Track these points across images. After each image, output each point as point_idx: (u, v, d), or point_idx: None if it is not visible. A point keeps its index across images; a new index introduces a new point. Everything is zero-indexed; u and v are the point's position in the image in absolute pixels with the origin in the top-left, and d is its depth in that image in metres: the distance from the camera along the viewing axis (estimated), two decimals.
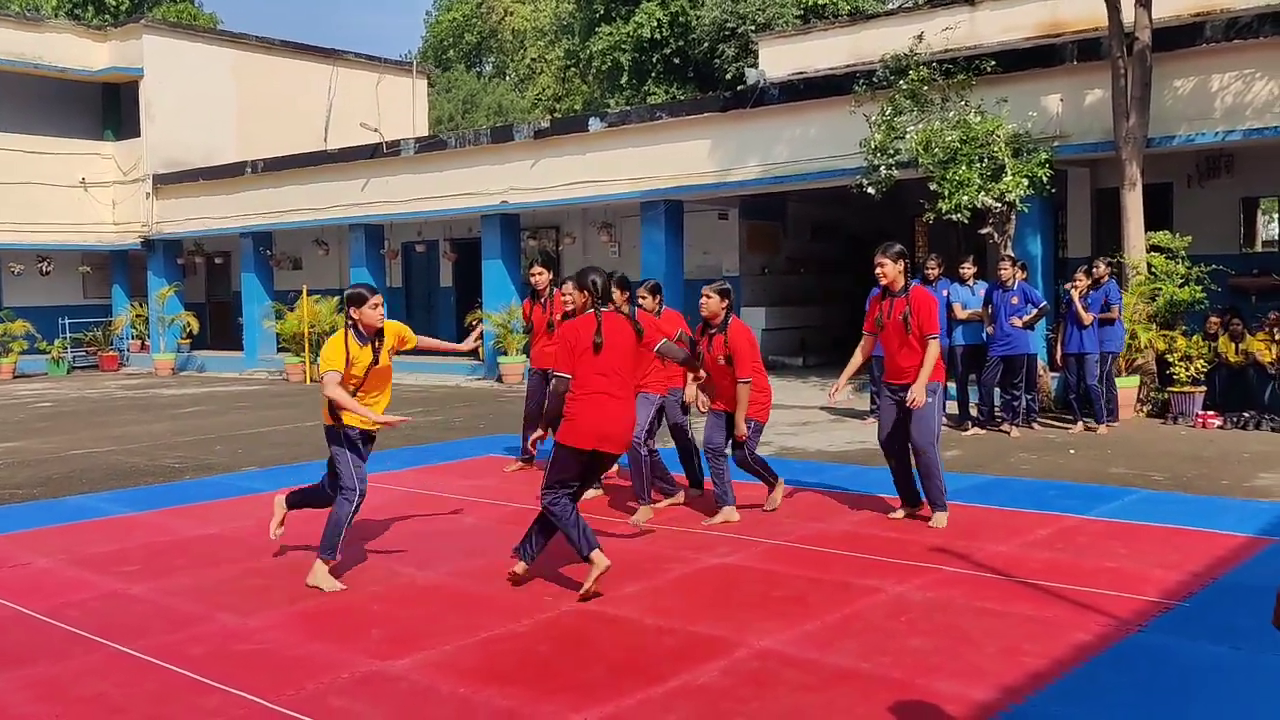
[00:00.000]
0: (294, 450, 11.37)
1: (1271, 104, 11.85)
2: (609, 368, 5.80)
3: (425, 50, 51.18)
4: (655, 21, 27.22)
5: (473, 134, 19.88)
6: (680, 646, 4.86)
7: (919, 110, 13.13)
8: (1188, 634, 4.86)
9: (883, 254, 7.10)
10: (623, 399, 5.86)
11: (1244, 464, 9.15)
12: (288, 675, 4.64)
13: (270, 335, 22.56)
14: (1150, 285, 12.05)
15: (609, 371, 5.80)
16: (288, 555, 6.74)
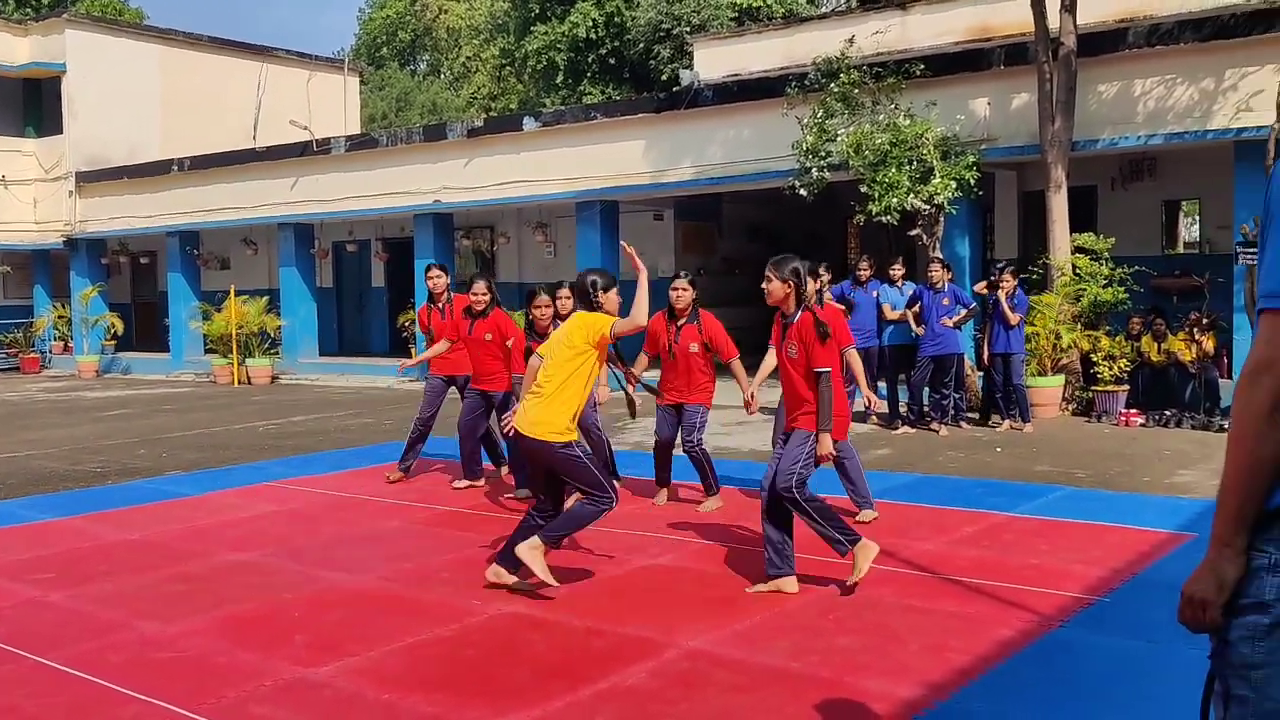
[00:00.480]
0: (220, 453, 11.17)
1: (1192, 109, 12.14)
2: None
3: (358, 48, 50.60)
4: (590, 21, 27.18)
5: (405, 132, 19.69)
6: (609, 648, 4.84)
7: (850, 113, 13.25)
8: (1106, 629, 4.95)
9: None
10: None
11: (1165, 461, 9.36)
12: (208, 684, 4.54)
13: (197, 336, 22.15)
14: (1075, 286, 12.27)
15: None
16: (210, 561, 6.60)
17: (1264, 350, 1.96)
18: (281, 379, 20.34)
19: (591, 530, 7.16)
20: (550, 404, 5.63)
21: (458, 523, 7.57)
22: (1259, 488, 1.98)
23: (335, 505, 8.32)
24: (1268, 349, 1.96)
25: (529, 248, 20.57)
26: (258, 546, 6.96)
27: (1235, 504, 2.00)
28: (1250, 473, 1.97)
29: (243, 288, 21.69)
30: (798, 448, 5.54)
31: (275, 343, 21.08)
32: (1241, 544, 2.00)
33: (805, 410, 5.60)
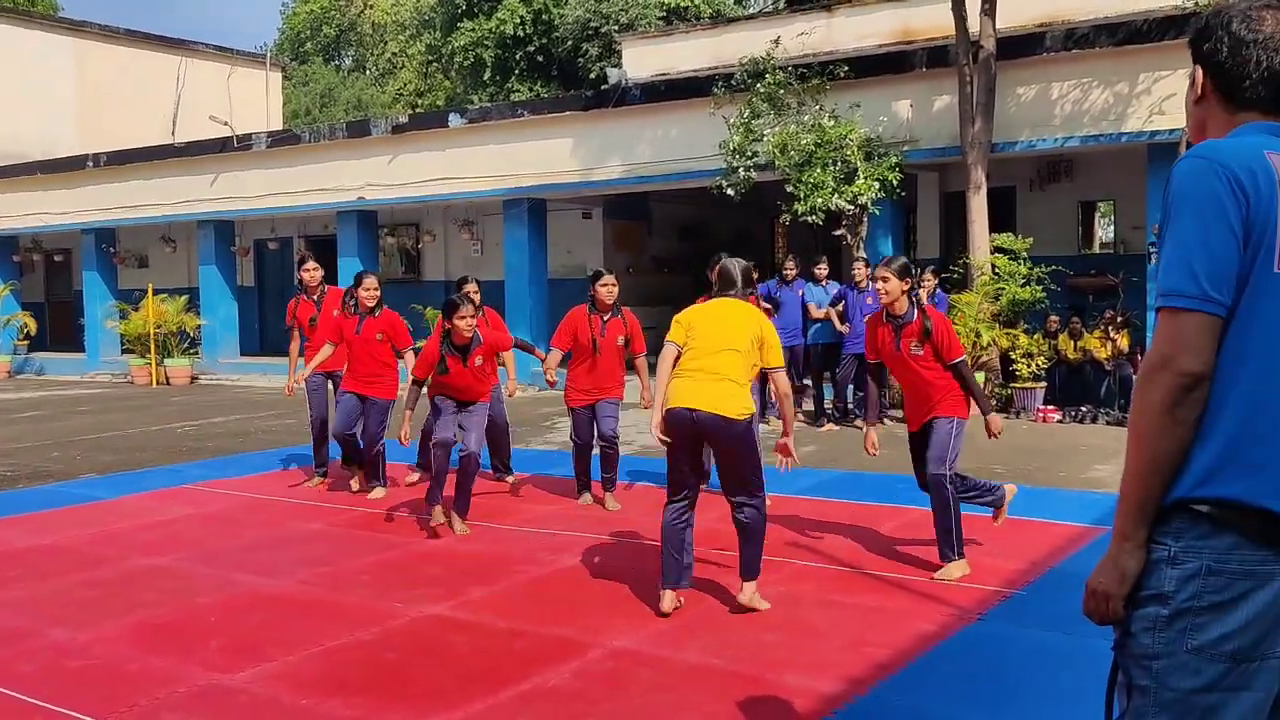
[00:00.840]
0: (136, 456, 10.91)
1: (1107, 112, 12.43)
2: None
3: (282, 42, 49.77)
4: (518, 19, 27.04)
5: (328, 129, 19.40)
6: (532, 649, 4.82)
7: (775, 114, 13.36)
8: (1023, 621, 5.05)
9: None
10: None
11: (1081, 456, 9.57)
12: (120, 691, 4.42)
13: (114, 336, 21.60)
14: (994, 285, 12.50)
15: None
16: (124, 566, 6.44)
17: (1161, 348, 2.01)
18: (201, 379, 19.94)
19: (515, 531, 7.15)
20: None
21: (378, 525, 7.48)
22: (1158, 483, 2.02)
23: (255, 508, 8.17)
24: (1165, 347, 2.00)
25: (455, 246, 20.41)
26: (173, 550, 6.80)
27: (1135, 499, 2.04)
28: (1149, 469, 2.02)
29: (161, 286, 21.21)
30: (945, 434, 5.82)
31: (195, 342, 20.66)
32: (1142, 538, 2.04)
33: (939, 400, 5.87)
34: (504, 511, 7.71)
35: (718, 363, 5.21)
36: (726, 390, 5.16)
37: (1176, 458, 2.01)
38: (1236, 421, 1.99)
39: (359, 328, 8.12)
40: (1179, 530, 2.02)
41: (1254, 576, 1.97)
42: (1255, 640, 1.97)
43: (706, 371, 5.20)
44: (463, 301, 7.08)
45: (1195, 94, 2.21)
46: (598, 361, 7.65)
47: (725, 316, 5.38)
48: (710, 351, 5.24)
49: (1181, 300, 1.98)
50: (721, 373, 5.19)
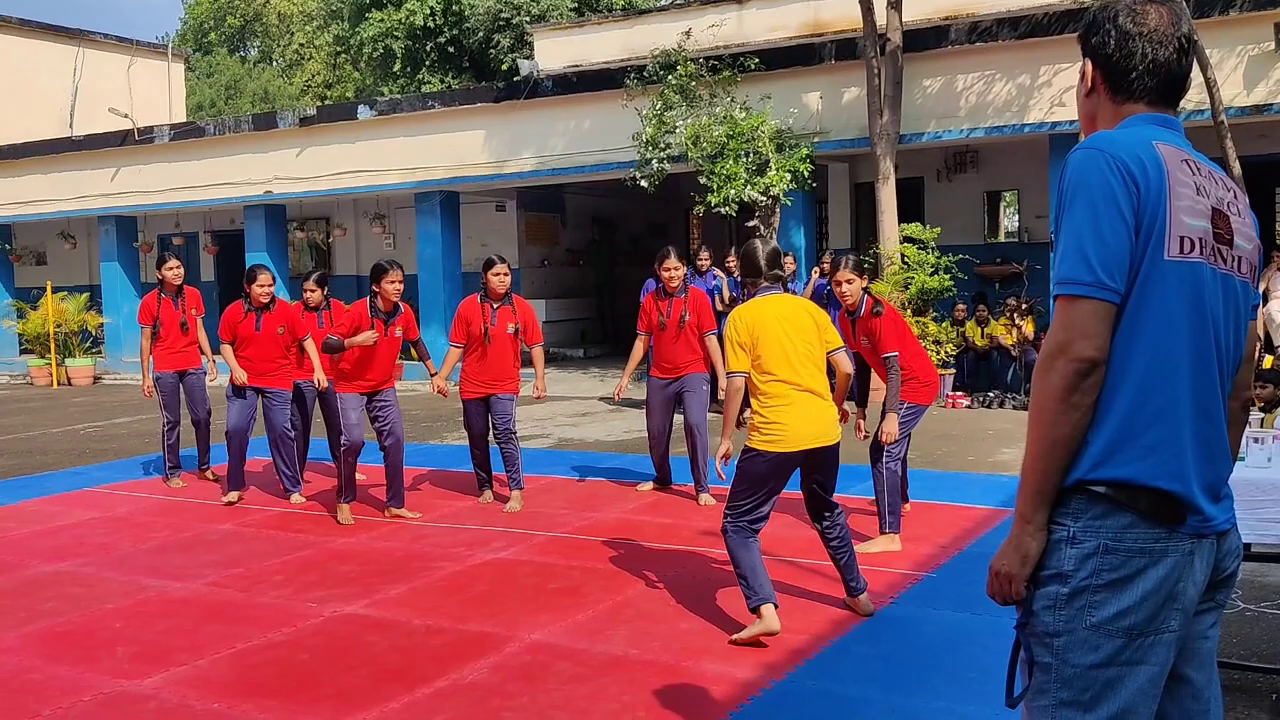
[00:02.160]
0: (37, 459, 10.57)
1: (1010, 103, 12.72)
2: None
3: (184, 32, 48.54)
4: (428, 9, 26.67)
5: (234, 121, 18.96)
6: (449, 645, 4.78)
7: (688, 105, 13.41)
8: (934, 603, 5.15)
9: (672, 257, 7.52)
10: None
11: (988, 440, 9.80)
12: (21, 702, 4.29)
13: (12, 336, 20.89)
14: (904, 274, 12.72)
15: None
16: (25, 573, 6.24)
17: (1058, 335, 2.06)
18: (105, 379, 19.38)
19: (431, 526, 7.09)
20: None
21: (290, 524, 7.35)
22: (1057, 466, 2.07)
23: (162, 510, 7.97)
24: (1062, 334, 2.05)
25: (366, 239, 20.12)
26: (77, 556, 6.61)
27: (1035, 482, 2.09)
28: (1048, 452, 2.07)
29: (61, 284, 20.57)
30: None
31: (97, 341, 20.06)
32: (1042, 519, 2.10)
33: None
34: (420, 507, 7.63)
35: (811, 379, 4.77)
36: (829, 412, 4.81)
37: (1074, 441, 2.06)
38: (1130, 405, 2.05)
39: (258, 324, 8.01)
40: (1077, 511, 2.08)
41: (1148, 554, 2.03)
42: (1150, 615, 2.03)
43: (809, 392, 4.75)
44: (392, 266, 7.20)
45: (1085, 86, 2.28)
46: (488, 351, 7.46)
47: (786, 317, 4.81)
48: (797, 365, 4.75)
49: (1076, 288, 2.04)
50: (818, 389, 4.79)
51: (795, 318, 4.83)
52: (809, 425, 4.73)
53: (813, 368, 4.80)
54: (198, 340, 8.90)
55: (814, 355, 4.83)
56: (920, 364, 6.30)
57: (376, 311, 7.18)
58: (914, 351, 6.29)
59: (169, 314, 8.75)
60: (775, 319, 4.79)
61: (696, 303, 7.54)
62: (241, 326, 8.04)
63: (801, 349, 4.78)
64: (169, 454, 8.85)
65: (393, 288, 7.14)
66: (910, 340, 6.35)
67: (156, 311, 8.77)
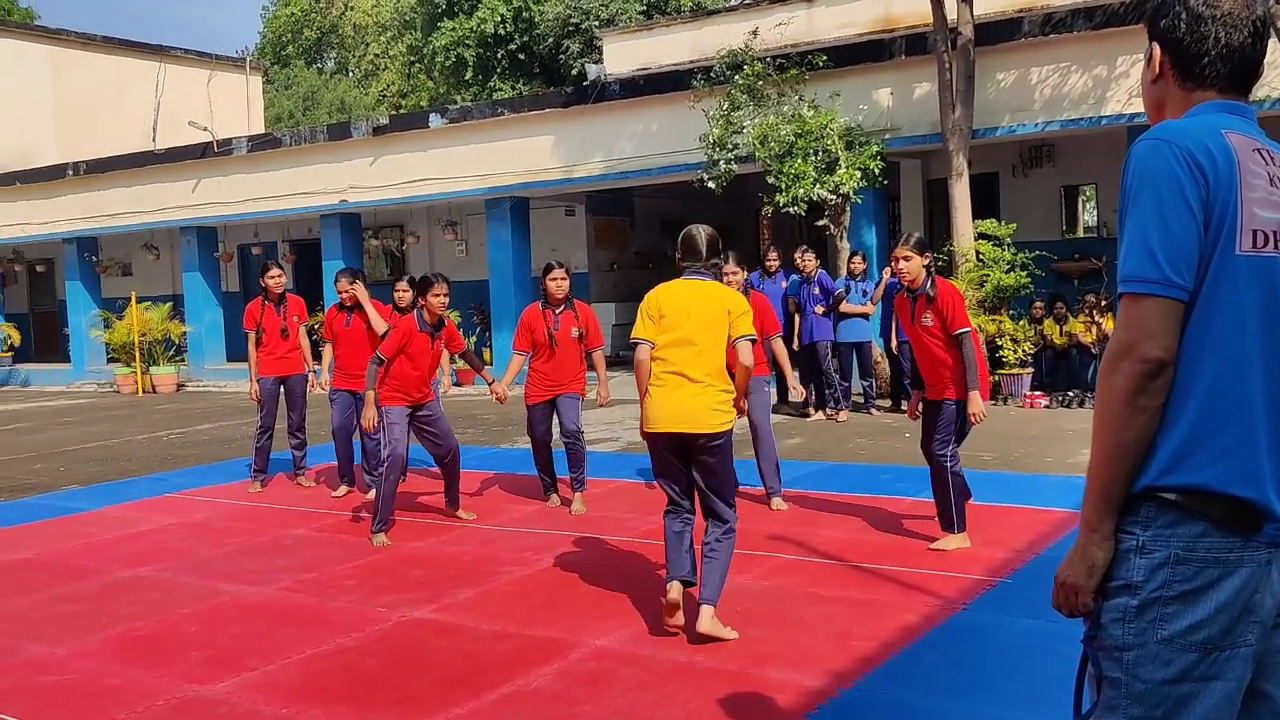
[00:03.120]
0: (121, 466, 10.84)
1: (1086, 95, 12.42)
2: None
3: (263, 46, 49.61)
4: (498, 17, 26.93)
5: (309, 131, 19.30)
6: (515, 651, 4.78)
7: (755, 105, 13.31)
8: (1008, 610, 5.02)
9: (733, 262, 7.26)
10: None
11: (1067, 441, 9.56)
12: (98, 706, 4.38)
13: (99, 345, 21.49)
14: (979, 272, 12.48)
15: None
16: (105, 578, 6.39)
17: (1123, 335, 1.97)
18: (187, 386, 19.85)
19: (499, 531, 7.11)
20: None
21: (364, 528, 7.41)
22: (1124, 472, 1.99)
23: (239, 515, 8.11)
24: (1127, 334, 1.96)
25: (439, 246, 20.34)
26: (155, 561, 6.75)
27: (1101, 489, 2.01)
28: (1114, 457, 1.99)
29: (145, 294, 21.11)
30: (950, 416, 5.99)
31: (180, 349, 20.56)
32: (1109, 528, 2.01)
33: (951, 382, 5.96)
34: (487, 511, 7.67)
35: (690, 364, 4.75)
36: (705, 399, 4.73)
37: (1141, 446, 1.98)
38: (1201, 407, 1.96)
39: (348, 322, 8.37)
40: (1146, 519, 1.99)
41: (1222, 564, 1.94)
42: (1225, 629, 1.94)
43: (682, 375, 4.75)
44: (436, 279, 7.20)
45: (1152, 73, 2.18)
46: (555, 355, 7.49)
47: (696, 301, 4.81)
48: (681, 346, 4.76)
49: (1142, 285, 1.95)
50: (697, 374, 4.74)
51: (705, 304, 4.82)
52: (669, 408, 4.76)
53: (699, 355, 4.76)
54: (299, 346, 9.08)
55: (709, 343, 4.78)
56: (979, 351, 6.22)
57: (424, 325, 7.18)
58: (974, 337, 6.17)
59: (271, 320, 8.99)
60: (684, 301, 4.85)
61: (759, 307, 7.44)
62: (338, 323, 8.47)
63: (696, 335, 4.77)
64: (257, 456, 9.05)
65: (437, 301, 7.13)
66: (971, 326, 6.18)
67: (260, 318, 9.04)
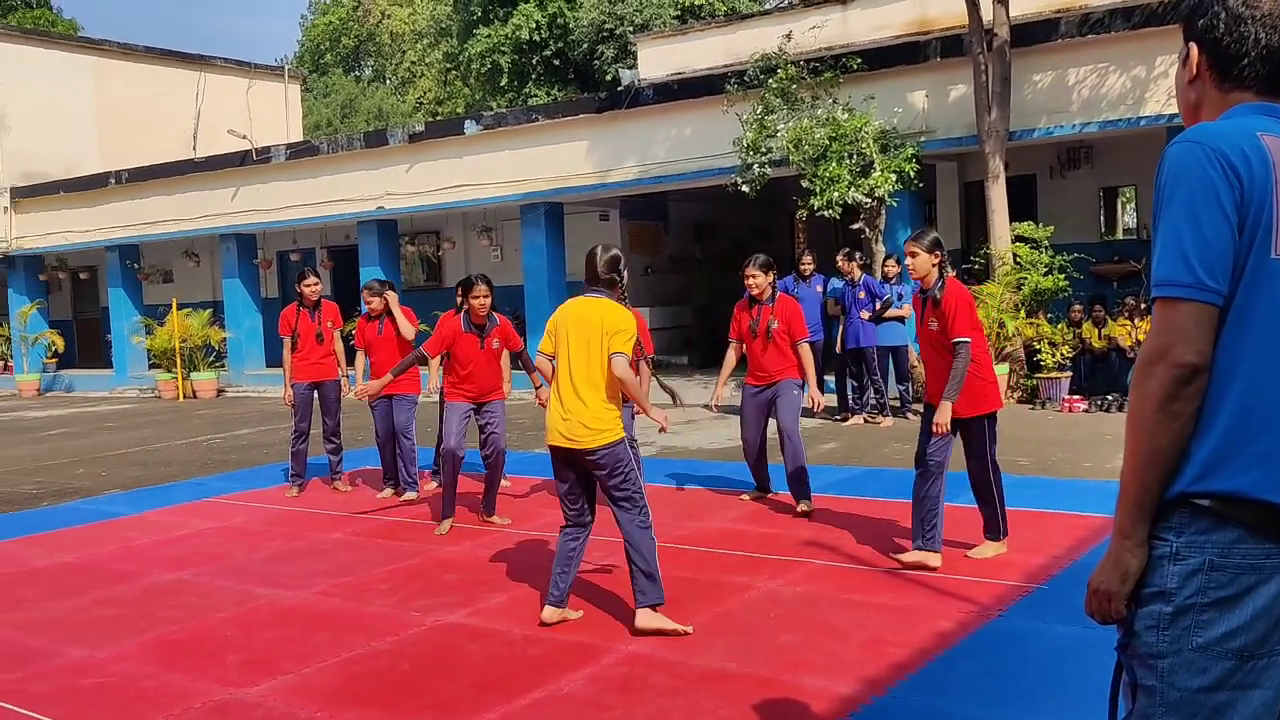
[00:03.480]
0: (161, 471, 10.97)
1: (1125, 96, 12.28)
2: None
3: (302, 54, 50.15)
4: (533, 23, 27.04)
5: (346, 139, 19.46)
6: (547, 656, 4.79)
7: (789, 109, 13.28)
8: (1044, 616, 4.97)
9: (752, 265, 7.42)
10: None
11: (1106, 445, 9.45)
12: (136, 709, 4.43)
13: (141, 351, 21.78)
14: (1016, 275, 12.37)
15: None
16: (144, 582, 6.46)
17: (1157, 339, 1.95)
18: (227, 392, 20.07)
19: (534, 535, 7.13)
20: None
21: (398, 533, 7.47)
22: (1157, 478, 1.96)
23: (276, 520, 8.19)
24: (1160, 338, 1.94)
25: (475, 252, 20.42)
26: (193, 565, 6.82)
27: (1134, 495, 1.99)
28: (1147, 463, 1.96)
29: (185, 300, 21.37)
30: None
31: (220, 355, 20.78)
32: (1142, 535, 1.99)
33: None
34: (522, 517, 7.69)
35: (570, 377, 5.02)
36: (582, 415, 4.95)
37: (1175, 452, 1.95)
38: (1236, 413, 1.93)
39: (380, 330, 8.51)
40: (1180, 525, 1.97)
41: (1258, 571, 1.91)
42: (1262, 636, 1.91)
43: (565, 390, 5.03)
44: (478, 280, 7.39)
45: (1189, 73, 2.14)
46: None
47: (582, 318, 5.05)
48: (564, 362, 5.06)
49: (1176, 289, 1.93)
50: (578, 390, 4.99)
51: (586, 322, 5.05)
52: (556, 422, 5.04)
53: (577, 371, 5.01)
54: (334, 352, 9.19)
55: (586, 360, 5.01)
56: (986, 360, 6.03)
57: (470, 326, 7.41)
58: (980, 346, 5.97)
59: (306, 326, 9.10)
60: (573, 318, 5.10)
61: (786, 310, 7.46)
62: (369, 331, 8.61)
63: (576, 352, 5.02)
64: (294, 461, 9.16)
65: (477, 302, 7.35)
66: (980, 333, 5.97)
67: (294, 323, 9.15)
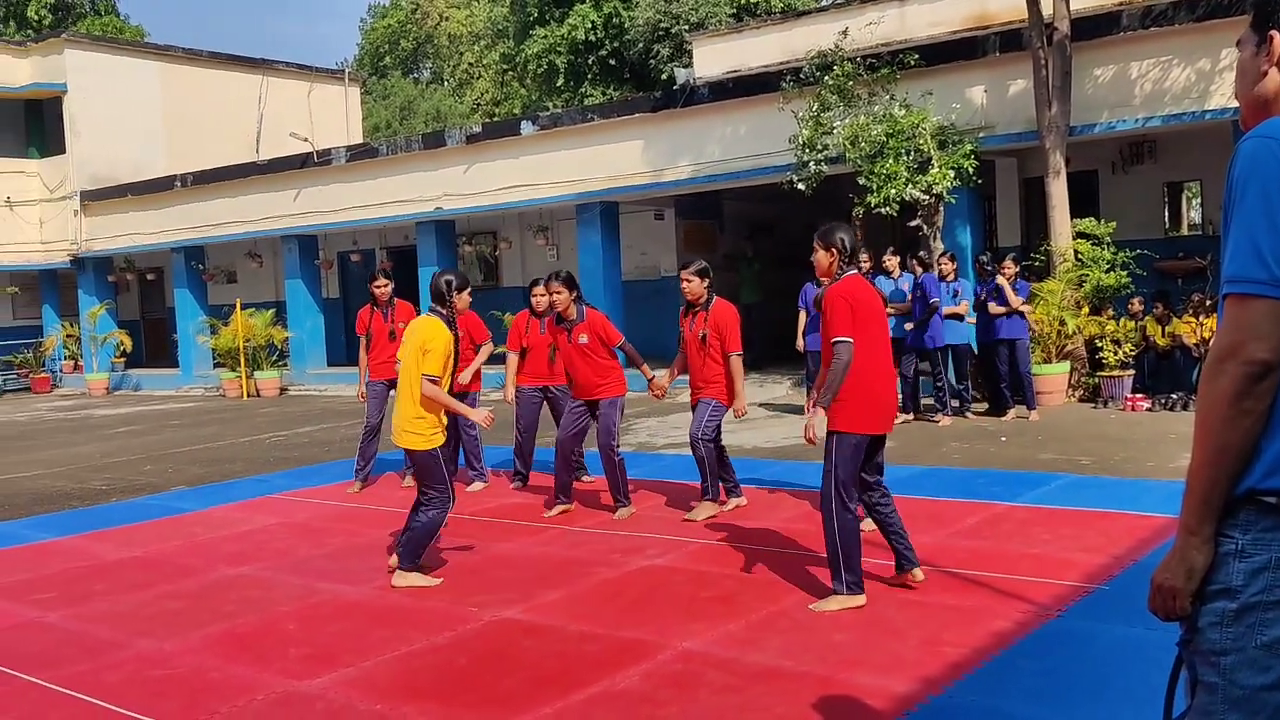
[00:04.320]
0: (225, 468, 11.18)
1: (1189, 89, 12.05)
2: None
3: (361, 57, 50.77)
4: (589, 23, 27.13)
5: (404, 141, 19.69)
6: (603, 652, 4.82)
7: (845, 105, 13.19)
8: (1105, 617, 4.90)
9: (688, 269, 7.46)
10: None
11: (1170, 445, 9.28)
12: (201, 699, 4.53)
13: (206, 351, 22.21)
14: (1077, 272, 12.19)
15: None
16: (209, 576, 6.60)
17: (1228, 337, 1.94)
18: (290, 390, 20.39)
19: (588, 533, 7.16)
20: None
21: (457, 528, 7.53)
22: (1224, 475, 1.96)
23: (338, 516, 8.31)
24: (1232, 335, 1.93)
25: (531, 252, 20.56)
26: (257, 560, 6.95)
27: (1202, 492, 1.98)
28: (1216, 460, 1.96)
29: (249, 301, 21.74)
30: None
31: (283, 354, 21.12)
32: (1208, 532, 1.98)
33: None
34: (578, 513, 7.73)
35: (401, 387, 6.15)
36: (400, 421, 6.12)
37: (1244, 449, 1.94)
38: None
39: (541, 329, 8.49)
40: (1247, 523, 1.96)
41: None
42: None
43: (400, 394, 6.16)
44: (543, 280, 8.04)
45: (1269, 62, 2.10)
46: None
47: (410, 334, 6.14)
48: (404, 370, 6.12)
49: (1249, 286, 1.92)
50: (403, 399, 6.08)
51: (411, 339, 6.09)
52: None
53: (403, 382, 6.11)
54: None
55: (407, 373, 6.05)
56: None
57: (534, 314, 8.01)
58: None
59: (379, 326, 9.36)
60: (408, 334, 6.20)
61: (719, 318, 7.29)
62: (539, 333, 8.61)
63: (404, 365, 6.10)
64: (360, 457, 9.35)
65: (533, 300, 7.90)
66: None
67: (369, 323, 9.42)
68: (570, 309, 7.53)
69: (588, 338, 7.51)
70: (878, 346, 5.24)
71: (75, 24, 35.13)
